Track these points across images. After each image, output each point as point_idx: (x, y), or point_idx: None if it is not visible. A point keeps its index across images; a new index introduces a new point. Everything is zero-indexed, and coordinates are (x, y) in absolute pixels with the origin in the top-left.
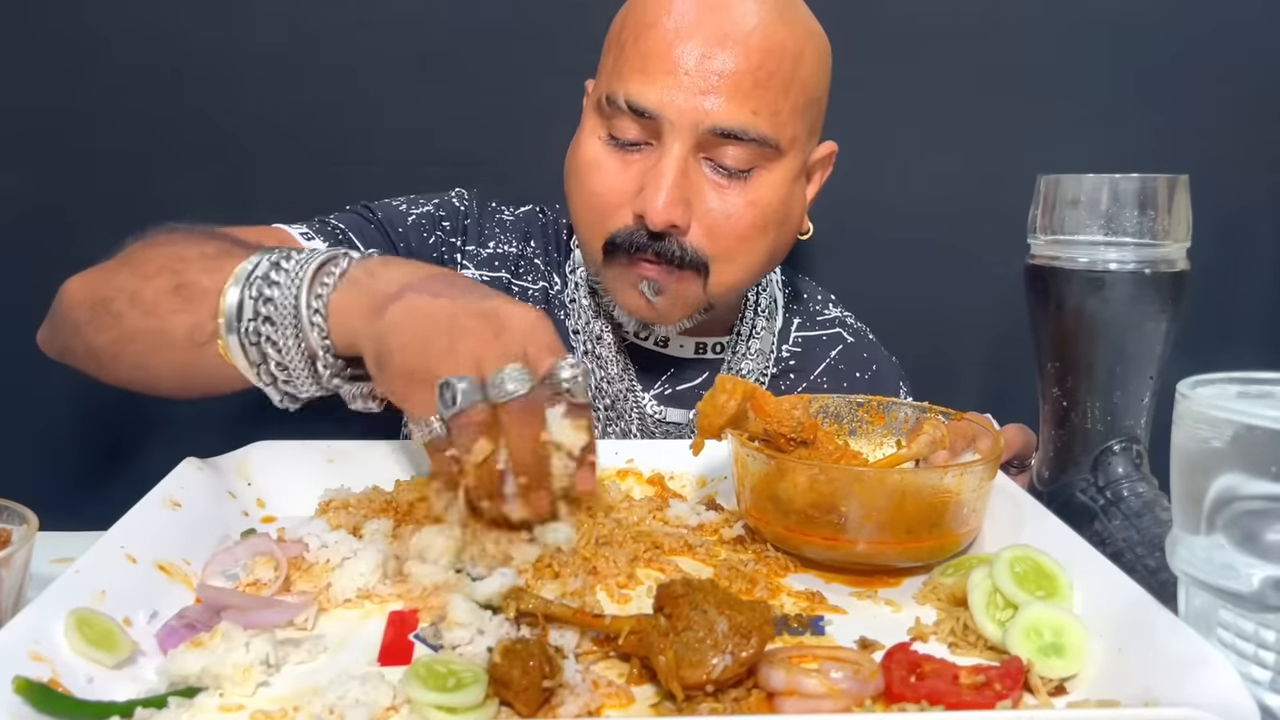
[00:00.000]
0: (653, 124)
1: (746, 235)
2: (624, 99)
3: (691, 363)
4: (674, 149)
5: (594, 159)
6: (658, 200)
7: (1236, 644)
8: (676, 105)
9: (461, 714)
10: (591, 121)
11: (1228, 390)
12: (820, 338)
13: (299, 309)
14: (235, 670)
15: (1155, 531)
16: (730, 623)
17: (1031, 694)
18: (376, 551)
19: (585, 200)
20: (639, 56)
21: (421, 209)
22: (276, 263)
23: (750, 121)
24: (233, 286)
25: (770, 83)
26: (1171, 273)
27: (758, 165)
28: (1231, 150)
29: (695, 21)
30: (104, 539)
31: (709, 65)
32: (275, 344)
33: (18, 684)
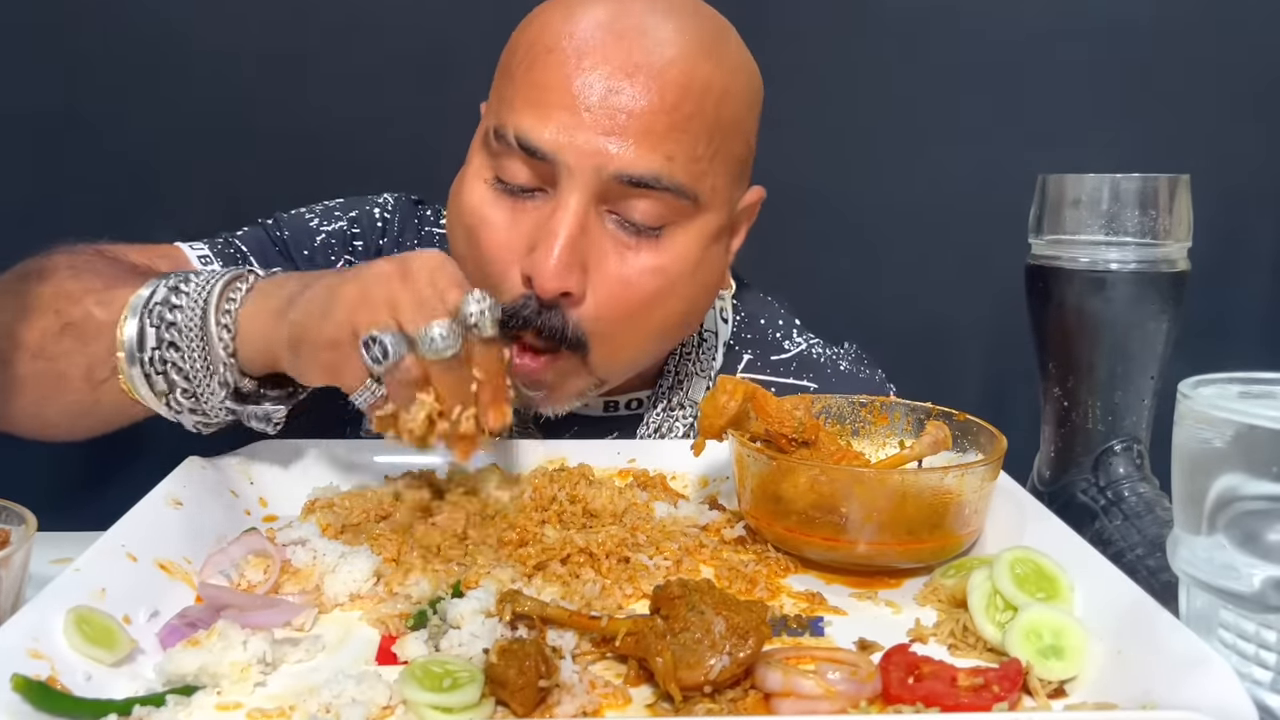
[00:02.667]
0: (547, 168)
1: (646, 307)
2: (514, 135)
3: (600, 421)
4: (571, 201)
5: (478, 210)
6: (548, 262)
7: (1238, 644)
8: (575, 146)
9: (458, 714)
10: (479, 160)
11: (1229, 390)
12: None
13: (206, 327)
14: (232, 669)
15: (1156, 532)
16: (727, 623)
17: (1030, 696)
18: (367, 558)
19: (473, 257)
20: (533, 86)
21: (334, 225)
22: (175, 287)
23: (664, 168)
24: (130, 318)
25: (689, 125)
26: (1172, 273)
27: (671, 222)
28: (1233, 150)
29: (602, 48)
30: (105, 537)
31: (616, 101)
32: (180, 369)
33: (16, 681)
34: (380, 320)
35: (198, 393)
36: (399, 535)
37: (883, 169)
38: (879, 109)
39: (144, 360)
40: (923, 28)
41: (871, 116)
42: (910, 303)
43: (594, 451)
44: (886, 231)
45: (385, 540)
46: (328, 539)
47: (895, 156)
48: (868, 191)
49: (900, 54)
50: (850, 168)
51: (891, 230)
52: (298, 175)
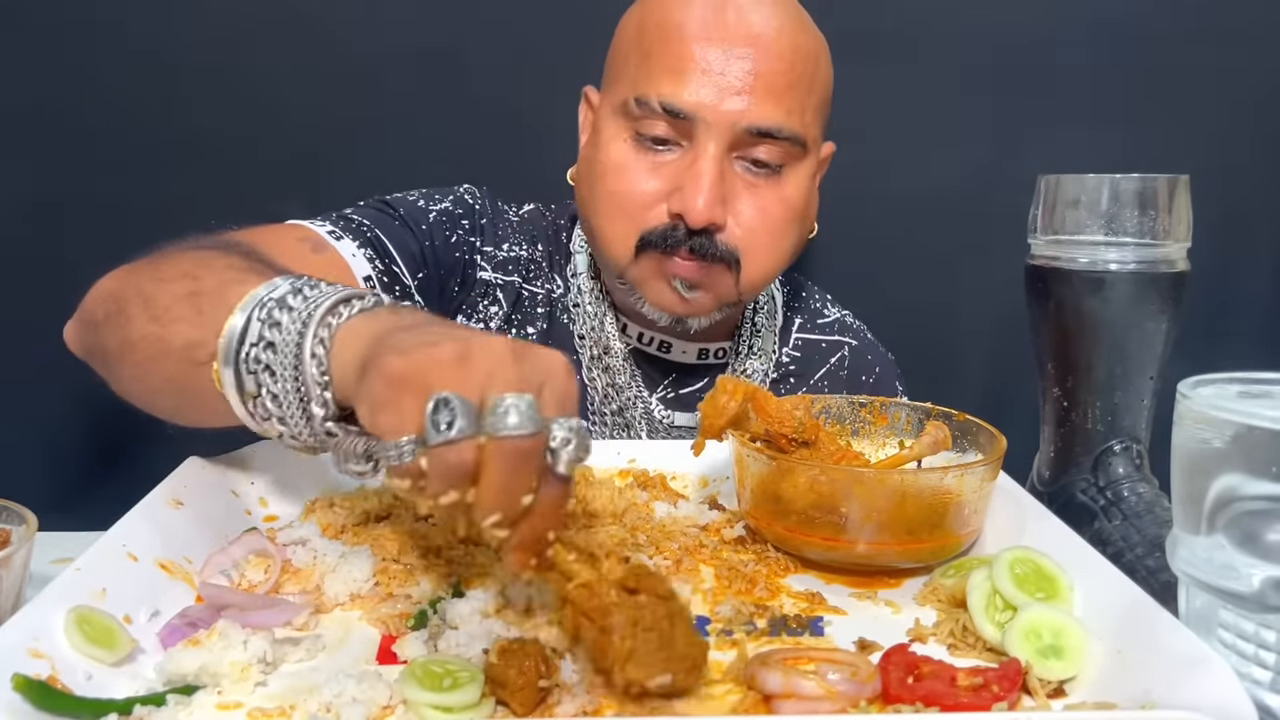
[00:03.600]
0: (685, 124)
1: (778, 232)
2: (658, 101)
3: (694, 368)
4: (710, 149)
5: (621, 161)
6: (698, 200)
7: (1237, 644)
8: (712, 105)
9: (458, 714)
10: (613, 125)
11: (1228, 390)
12: (820, 344)
13: (304, 337)
14: (233, 668)
15: (1155, 532)
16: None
17: (1030, 696)
18: (367, 558)
19: (615, 201)
20: (669, 57)
21: (439, 205)
22: (299, 289)
23: (784, 120)
24: (240, 311)
25: (799, 83)
26: (1172, 273)
27: (787, 163)
28: (1232, 150)
29: (721, 24)
30: (105, 537)
31: (743, 66)
32: (272, 372)
33: (17, 681)
34: (466, 386)
35: (282, 401)
36: (399, 535)
37: (882, 169)
38: (879, 109)
39: (240, 355)
40: (923, 29)
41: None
42: (910, 303)
43: (594, 452)
44: (886, 231)
45: (385, 540)
46: (328, 539)
47: (895, 157)
48: (867, 192)
49: (900, 54)
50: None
51: (891, 230)
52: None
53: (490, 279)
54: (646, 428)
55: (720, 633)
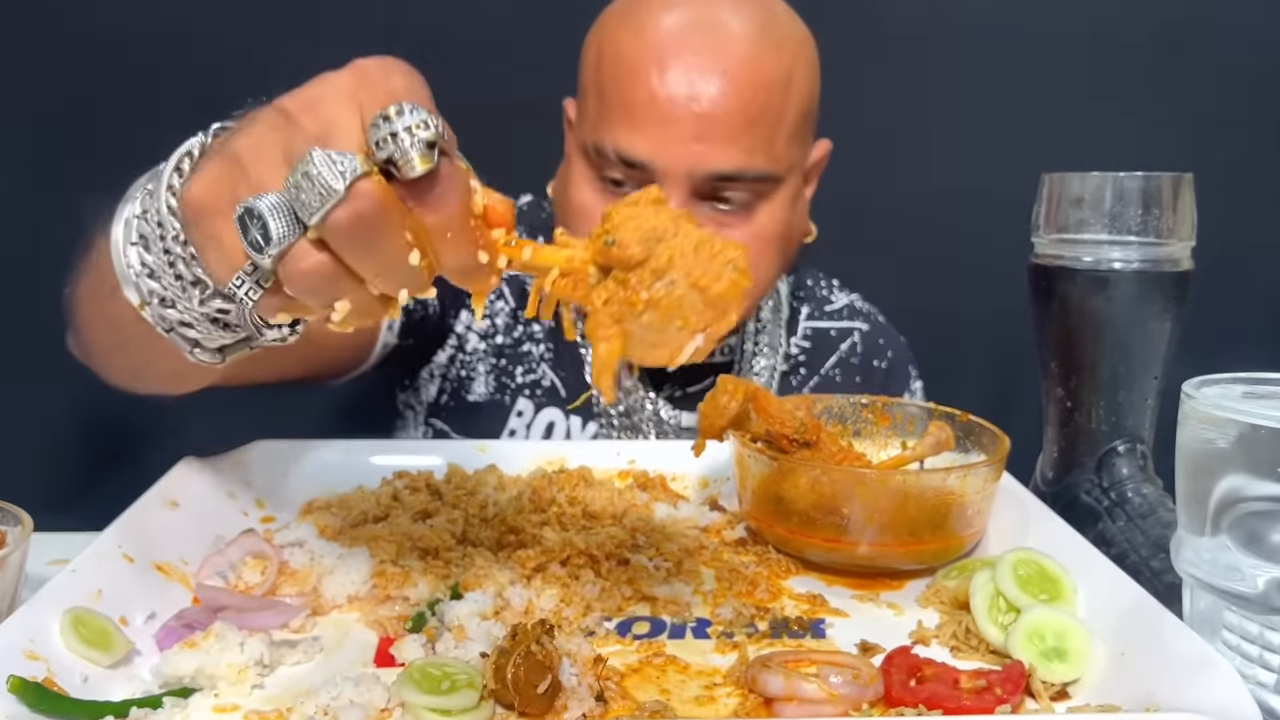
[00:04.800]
0: (645, 173)
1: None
2: (614, 151)
3: (699, 366)
4: (671, 197)
5: (590, 207)
6: None
7: (1241, 646)
8: (668, 153)
9: (456, 716)
10: (579, 165)
11: (1233, 390)
12: (830, 332)
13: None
14: (230, 671)
15: (1160, 533)
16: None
17: (1033, 698)
18: (365, 559)
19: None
20: (623, 105)
21: None
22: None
23: (746, 161)
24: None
25: (763, 118)
26: (1176, 272)
27: (757, 199)
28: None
29: (679, 61)
30: (101, 538)
31: (698, 108)
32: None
33: (12, 683)
34: (269, 181)
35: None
36: (397, 537)
37: (885, 169)
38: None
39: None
40: (926, 28)
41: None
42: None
43: (594, 452)
44: (889, 231)
45: (383, 542)
46: (325, 540)
47: (897, 156)
48: (870, 191)
49: (903, 54)
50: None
51: (894, 229)
52: None
53: None
54: (655, 429)
55: (721, 635)
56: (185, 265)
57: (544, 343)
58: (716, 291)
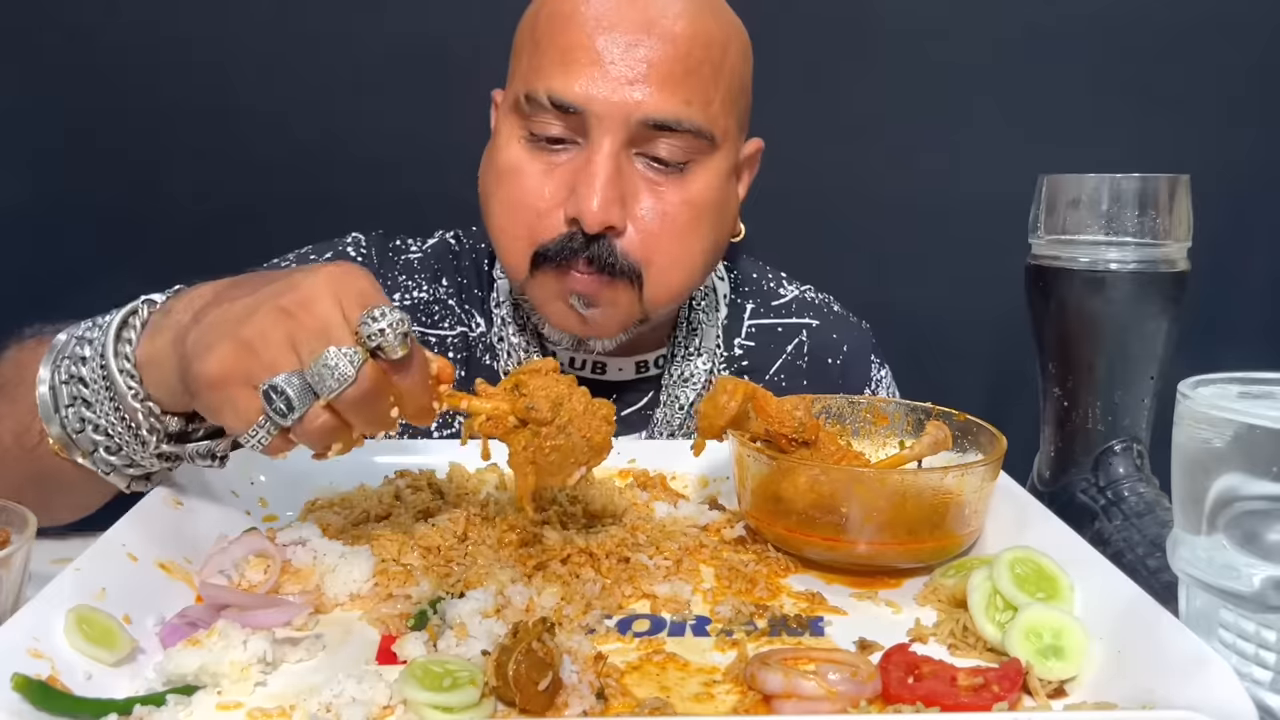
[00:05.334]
0: (578, 119)
1: (684, 236)
2: (546, 95)
3: (633, 384)
4: (604, 144)
5: (515, 163)
6: (592, 201)
7: (1238, 644)
8: (603, 98)
9: (458, 713)
10: (508, 124)
11: (1229, 390)
12: (776, 329)
13: (110, 376)
14: (233, 668)
15: (1156, 532)
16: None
17: (1030, 696)
18: (367, 558)
19: (509, 210)
20: (558, 49)
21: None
22: (83, 336)
23: (683, 111)
24: (43, 372)
25: (700, 70)
26: (1172, 272)
27: (693, 159)
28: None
29: (616, 9)
30: (105, 537)
31: (636, 54)
32: (99, 426)
33: (17, 681)
34: (281, 362)
35: (122, 448)
36: (399, 536)
37: (883, 169)
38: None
39: (61, 420)
40: (923, 28)
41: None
42: (910, 302)
43: None
44: (887, 231)
45: (385, 540)
46: (328, 539)
47: (895, 157)
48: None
49: (900, 54)
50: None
51: (892, 230)
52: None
53: None
54: None
55: (720, 633)
56: (144, 417)
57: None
58: (597, 440)
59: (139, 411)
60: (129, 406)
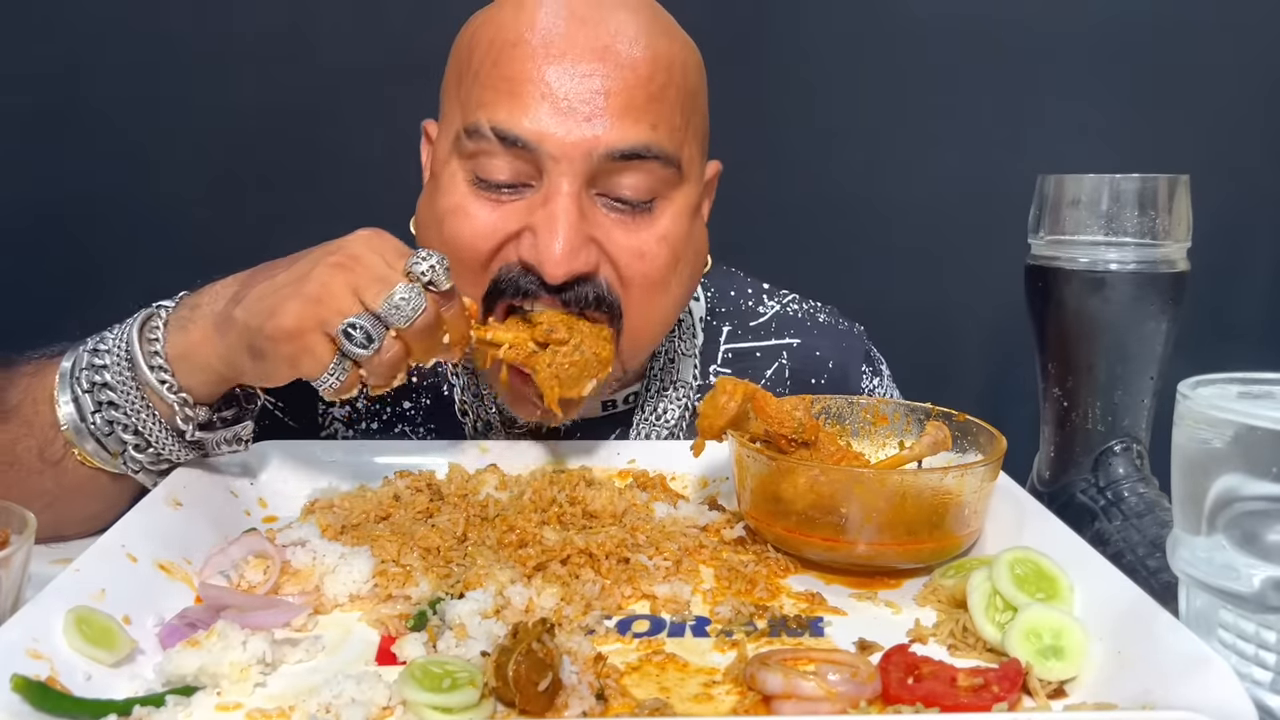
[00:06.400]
0: (529, 158)
1: (663, 278)
2: (489, 125)
3: (601, 422)
4: (564, 185)
5: (459, 205)
6: (554, 247)
7: (1237, 644)
8: (559, 137)
9: (457, 714)
10: (450, 166)
11: (1228, 390)
12: (755, 353)
13: (139, 376)
14: (232, 669)
15: (1156, 532)
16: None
17: (1030, 696)
18: (367, 559)
19: (453, 252)
20: (502, 79)
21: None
22: (94, 349)
23: (650, 136)
24: (62, 393)
25: (665, 95)
26: (1172, 273)
27: (658, 195)
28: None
29: (566, 35)
30: (104, 538)
31: (591, 85)
32: (127, 425)
33: (16, 682)
34: (349, 306)
35: (152, 442)
36: (398, 536)
37: (883, 170)
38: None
39: (91, 428)
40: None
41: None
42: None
43: (594, 452)
44: (886, 231)
45: (385, 541)
46: (327, 540)
47: (895, 157)
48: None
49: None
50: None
51: (891, 230)
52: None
53: None
54: None
55: (720, 633)
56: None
57: (422, 425)
58: (604, 355)
59: (174, 403)
60: (164, 402)
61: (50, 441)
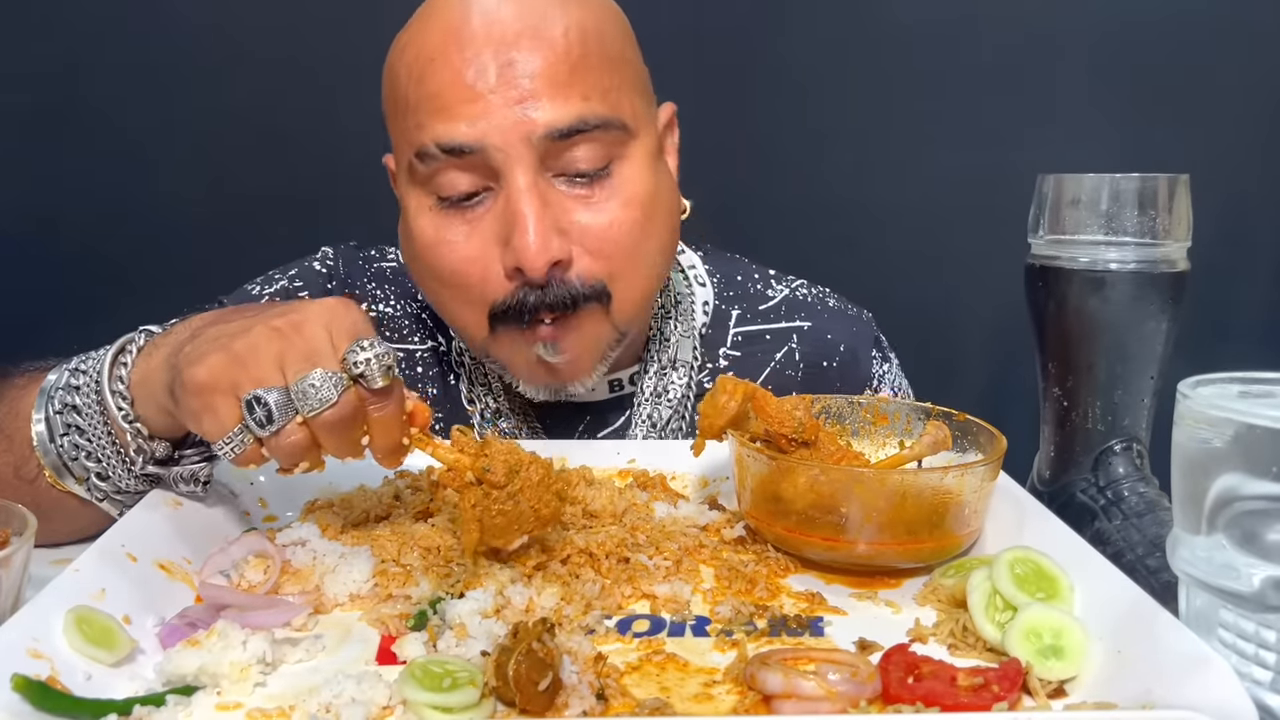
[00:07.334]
0: (479, 162)
1: (636, 240)
2: (434, 144)
3: (610, 404)
4: (519, 178)
5: (433, 236)
6: (528, 242)
7: (1237, 644)
8: (497, 128)
9: (457, 714)
10: (413, 196)
11: (1229, 390)
12: (764, 336)
13: (103, 401)
14: (232, 669)
15: (1156, 532)
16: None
17: (1030, 696)
18: (366, 558)
19: (445, 287)
20: (432, 96)
21: (276, 285)
22: (76, 368)
23: (585, 109)
24: (38, 410)
25: (587, 63)
26: (1172, 272)
27: (613, 158)
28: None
29: (481, 34)
30: (104, 537)
31: (513, 72)
32: (90, 453)
33: (16, 681)
34: (268, 377)
35: (109, 474)
36: (398, 536)
37: (882, 169)
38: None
39: (58, 450)
40: (924, 30)
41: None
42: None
43: (594, 452)
44: (886, 231)
45: (385, 541)
46: (328, 539)
47: (895, 157)
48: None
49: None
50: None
51: (891, 230)
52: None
53: None
54: None
55: (720, 633)
56: (132, 438)
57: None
58: (545, 514)
59: (127, 432)
60: (118, 428)
61: (26, 460)
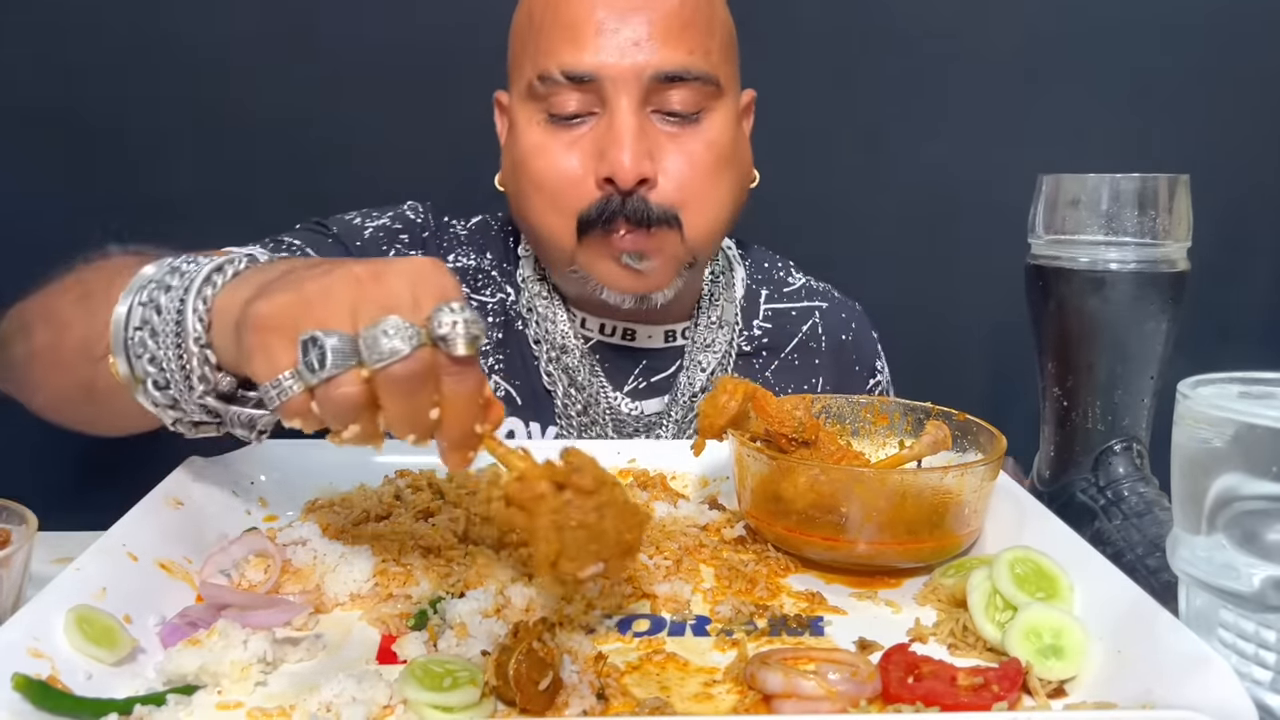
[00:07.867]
0: (593, 89)
1: (711, 177)
2: (559, 70)
3: (662, 352)
4: (622, 104)
5: (539, 144)
6: (623, 157)
7: (1237, 644)
8: (614, 63)
9: (458, 713)
10: (525, 113)
11: (1229, 390)
12: (790, 313)
13: (184, 313)
14: (233, 668)
15: (1156, 531)
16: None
17: (1030, 696)
18: (367, 558)
19: (542, 188)
20: (563, 27)
21: (377, 222)
22: (176, 268)
23: (689, 61)
24: (125, 294)
25: (696, 22)
26: (1172, 272)
27: (704, 107)
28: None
29: None
30: (105, 537)
31: (636, 18)
32: (155, 358)
33: (17, 681)
34: (334, 320)
35: (169, 384)
36: (399, 535)
37: (883, 169)
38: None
39: (126, 341)
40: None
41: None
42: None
43: (594, 452)
44: (886, 231)
45: (385, 540)
46: (328, 539)
47: (895, 156)
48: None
49: (901, 54)
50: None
51: (891, 230)
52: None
53: None
54: (613, 424)
55: (720, 633)
56: (198, 364)
57: (492, 354)
58: (627, 539)
59: (195, 356)
60: (189, 348)
61: (99, 338)
